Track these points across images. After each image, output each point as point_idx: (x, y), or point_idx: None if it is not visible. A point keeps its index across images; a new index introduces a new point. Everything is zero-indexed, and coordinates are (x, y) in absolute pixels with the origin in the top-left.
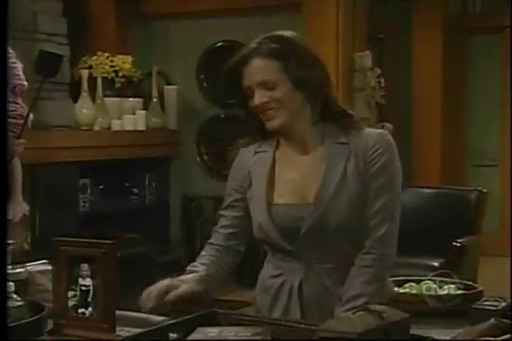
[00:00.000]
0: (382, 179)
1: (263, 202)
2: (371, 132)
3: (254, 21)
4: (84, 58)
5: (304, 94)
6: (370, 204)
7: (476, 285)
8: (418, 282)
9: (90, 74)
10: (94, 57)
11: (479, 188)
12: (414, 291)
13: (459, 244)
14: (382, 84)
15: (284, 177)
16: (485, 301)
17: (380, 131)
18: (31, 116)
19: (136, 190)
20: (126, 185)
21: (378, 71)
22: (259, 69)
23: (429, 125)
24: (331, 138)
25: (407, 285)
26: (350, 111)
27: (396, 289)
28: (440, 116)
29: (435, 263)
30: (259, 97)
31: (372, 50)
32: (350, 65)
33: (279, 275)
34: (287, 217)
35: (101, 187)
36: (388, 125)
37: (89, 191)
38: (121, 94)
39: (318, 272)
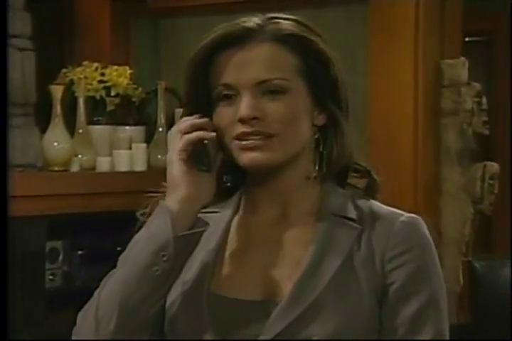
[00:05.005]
0: (416, 304)
1: (200, 290)
2: (394, 216)
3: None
4: (64, 70)
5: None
6: None
7: None
8: None
9: (71, 93)
10: (79, 69)
11: None
12: None
13: None
14: (484, 106)
15: (242, 256)
16: None
17: (410, 216)
18: None
19: None
20: (118, 248)
21: (478, 87)
22: (262, 59)
23: None
24: (331, 207)
25: None
26: (370, 168)
27: None
28: None
29: None
30: (247, 106)
31: (469, 57)
32: (436, 77)
33: None
34: (236, 319)
35: (80, 252)
36: (493, 165)
37: (61, 258)
38: (115, 120)
39: None
